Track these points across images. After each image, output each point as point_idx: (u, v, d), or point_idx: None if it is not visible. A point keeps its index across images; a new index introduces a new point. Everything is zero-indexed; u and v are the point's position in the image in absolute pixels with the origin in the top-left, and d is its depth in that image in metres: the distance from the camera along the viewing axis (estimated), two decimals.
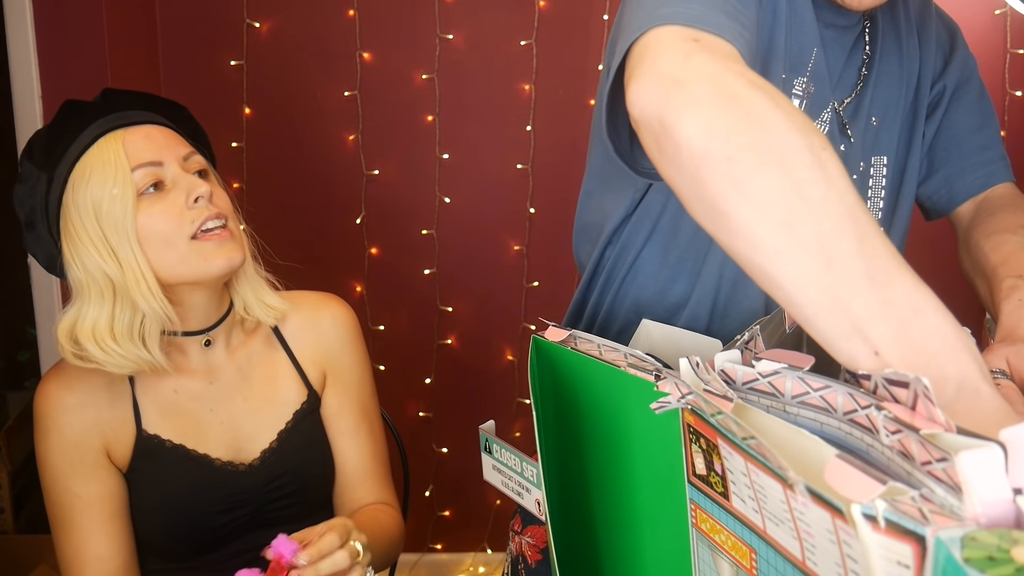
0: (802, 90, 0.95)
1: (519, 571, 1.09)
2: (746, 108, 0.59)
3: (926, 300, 0.53)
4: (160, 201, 1.02)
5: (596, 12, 2.26)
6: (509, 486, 0.88)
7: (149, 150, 1.03)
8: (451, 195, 2.36)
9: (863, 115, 1.03)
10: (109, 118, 1.04)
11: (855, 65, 1.02)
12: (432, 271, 2.40)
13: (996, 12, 2.21)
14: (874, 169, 1.04)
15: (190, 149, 1.08)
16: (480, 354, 2.43)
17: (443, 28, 2.28)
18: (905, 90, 1.05)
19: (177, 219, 1.01)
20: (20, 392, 2.72)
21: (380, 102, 2.32)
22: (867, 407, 0.50)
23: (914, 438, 0.45)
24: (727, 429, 0.54)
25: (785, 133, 0.57)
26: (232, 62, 2.29)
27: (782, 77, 0.96)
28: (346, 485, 1.19)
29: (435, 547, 2.51)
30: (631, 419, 0.70)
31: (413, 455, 1.50)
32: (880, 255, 0.54)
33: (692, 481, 0.62)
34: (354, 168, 2.35)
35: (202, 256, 1.03)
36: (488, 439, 0.90)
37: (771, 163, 0.56)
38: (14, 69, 2.04)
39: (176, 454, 1.08)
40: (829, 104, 0.98)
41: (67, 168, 1.02)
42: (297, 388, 1.16)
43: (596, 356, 0.73)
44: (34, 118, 2.04)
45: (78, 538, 1.05)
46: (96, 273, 1.01)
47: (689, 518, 0.64)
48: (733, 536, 0.59)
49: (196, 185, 1.03)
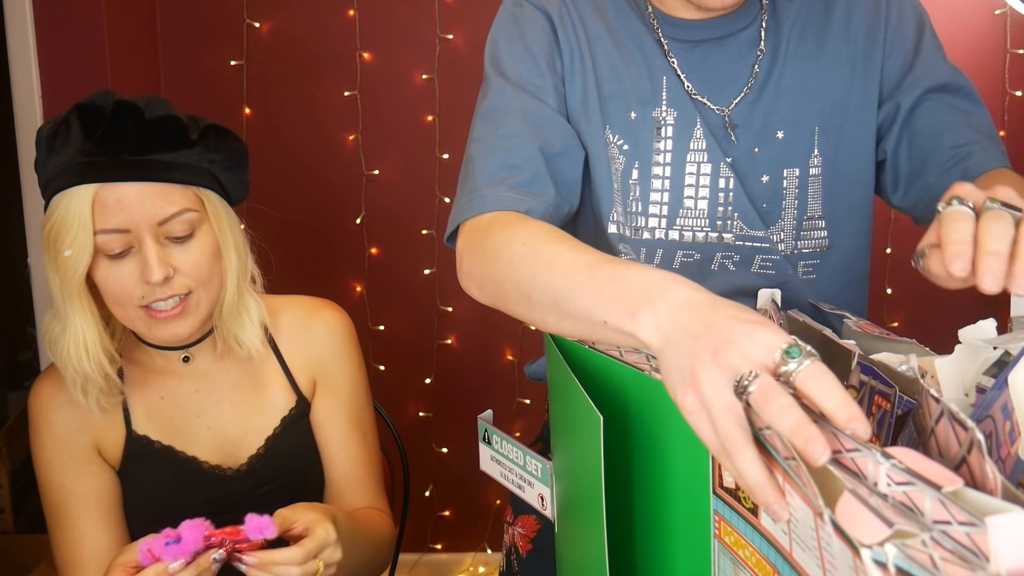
0: (662, 119, 1.02)
1: (511, 563, 1.09)
2: (483, 257, 0.88)
3: (621, 272, 0.67)
4: (119, 267, 0.99)
5: None
6: (509, 478, 0.88)
7: (117, 215, 0.97)
8: (451, 195, 2.36)
9: (762, 123, 1.02)
10: (93, 162, 0.97)
11: (747, 65, 1.02)
12: (432, 271, 2.39)
13: (996, 12, 2.20)
14: (787, 181, 1.03)
15: (176, 209, 0.99)
16: (480, 354, 2.42)
17: (443, 28, 2.27)
18: (830, 102, 1.02)
19: (129, 289, 0.99)
20: (20, 392, 2.72)
21: (380, 102, 2.32)
22: (853, 451, 0.48)
23: (931, 494, 0.43)
24: (771, 445, 0.52)
25: (501, 252, 0.83)
26: (232, 62, 2.29)
27: (631, 116, 1.02)
28: (335, 492, 1.19)
29: (435, 547, 2.51)
30: (654, 425, 0.69)
31: (413, 455, 1.50)
32: (577, 276, 0.70)
33: (718, 493, 0.62)
34: (354, 168, 2.35)
35: (146, 325, 1.02)
36: (487, 429, 0.89)
37: (497, 273, 0.83)
38: (14, 69, 2.04)
39: (165, 455, 1.08)
40: (696, 121, 1.01)
41: (50, 193, 1.00)
42: (286, 394, 1.15)
43: (616, 357, 0.72)
44: (34, 118, 2.04)
45: (74, 535, 1.05)
46: (55, 298, 1.01)
47: (712, 529, 0.64)
48: (758, 553, 0.58)
49: (151, 268, 0.97)
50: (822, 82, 1.02)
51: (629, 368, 0.70)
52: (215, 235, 1.04)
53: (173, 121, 1.00)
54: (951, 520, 0.42)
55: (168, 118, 1.00)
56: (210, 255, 1.03)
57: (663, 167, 1.02)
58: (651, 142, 1.02)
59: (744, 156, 1.02)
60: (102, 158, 0.97)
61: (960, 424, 0.49)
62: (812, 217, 1.04)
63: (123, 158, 0.97)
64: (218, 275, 1.05)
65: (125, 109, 0.98)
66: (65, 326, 1.01)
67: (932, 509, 0.43)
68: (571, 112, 1.02)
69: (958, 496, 0.43)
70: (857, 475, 0.48)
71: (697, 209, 1.02)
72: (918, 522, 0.43)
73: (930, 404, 0.55)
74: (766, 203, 1.02)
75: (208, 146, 1.03)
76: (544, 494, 0.82)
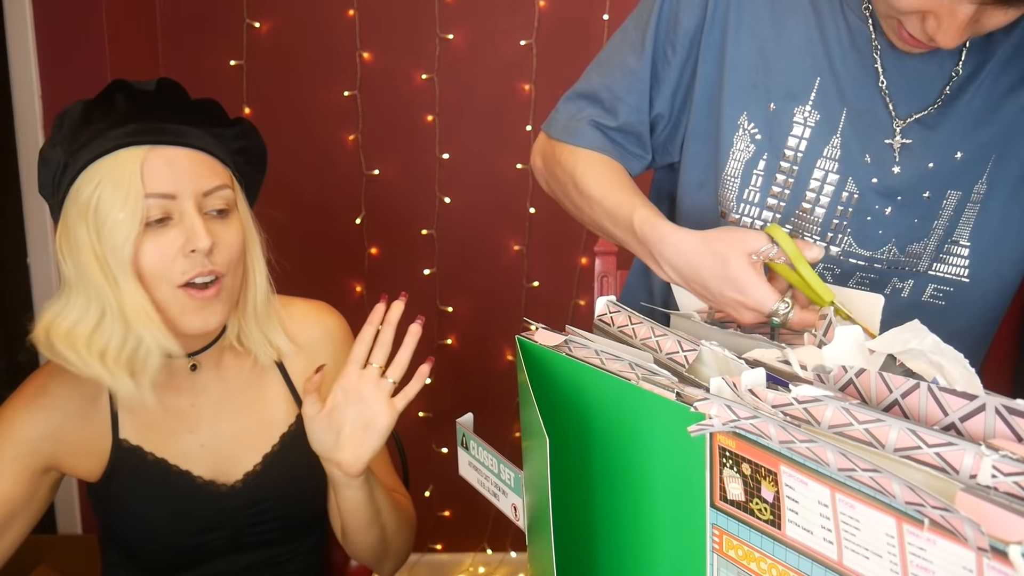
0: (803, 119, 1.00)
1: None
2: (552, 169, 1.12)
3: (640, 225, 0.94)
4: (159, 237, 0.94)
5: (596, 12, 2.26)
6: (485, 485, 0.86)
7: (166, 179, 0.95)
8: (451, 195, 2.36)
9: (942, 141, 0.98)
10: (141, 127, 0.96)
11: (940, 80, 0.97)
12: (432, 271, 2.39)
13: None
14: (947, 202, 1.00)
15: (219, 183, 0.99)
16: (480, 354, 2.42)
17: (443, 28, 2.27)
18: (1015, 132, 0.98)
19: (169, 262, 0.95)
20: None
21: (380, 102, 2.32)
22: (939, 445, 0.48)
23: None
24: (819, 458, 0.52)
25: (567, 176, 1.08)
26: (232, 62, 2.29)
27: (770, 107, 1.00)
28: None
29: (435, 547, 2.51)
30: (640, 435, 0.68)
31: (413, 455, 1.49)
32: (621, 220, 0.97)
33: (719, 506, 0.61)
34: (354, 168, 2.35)
35: (179, 309, 0.96)
36: (465, 434, 0.87)
37: (560, 187, 1.11)
38: (14, 69, 2.04)
39: (158, 468, 1.05)
40: (838, 129, 0.99)
41: (81, 164, 0.95)
42: (287, 408, 1.12)
43: (598, 366, 0.70)
44: (34, 118, 2.04)
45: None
46: (91, 284, 0.95)
47: (708, 543, 0.63)
48: (781, 564, 0.57)
49: (198, 234, 0.95)
50: (1015, 111, 0.98)
51: (612, 377, 0.68)
52: (243, 223, 1.03)
53: (213, 102, 1.04)
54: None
55: (208, 99, 1.03)
56: (242, 241, 1.02)
57: (791, 165, 1.01)
58: (785, 137, 1.01)
59: (911, 168, 0.99)
60: (151, 123, 0.97)
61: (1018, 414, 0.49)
62: (956, 242, 1.02)
63: (171, 124, 0.98)
64: (242, 266, 1.03)
65: (169, 84, 1.00)
66: (104, 306, 0.95)
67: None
68: (705, 89, 1.04)
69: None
70: (947, 471, 0.48)
71: (813, 215, 1.01)
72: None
73: None
74: (918, 219, 1.00)
75: (244, 131, 1.06)
76: (517, 504, 0.80)
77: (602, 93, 1.09)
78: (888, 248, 1.02)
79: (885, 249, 1.02)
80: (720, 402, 0.58)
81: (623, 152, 1.09)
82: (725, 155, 1.03)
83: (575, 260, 2.39)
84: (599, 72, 1.11)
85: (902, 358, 0.65)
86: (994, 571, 0.44)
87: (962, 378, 0.62)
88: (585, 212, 1.04)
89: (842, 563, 0.53)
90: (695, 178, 1.08)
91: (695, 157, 1.07)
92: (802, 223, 1.02)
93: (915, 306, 1.04)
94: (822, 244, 0.86)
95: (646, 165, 1.13)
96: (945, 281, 1.03)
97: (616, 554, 0.73)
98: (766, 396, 0.58)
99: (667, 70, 1.06)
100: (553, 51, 2.28)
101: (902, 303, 1.04)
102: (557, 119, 1.13)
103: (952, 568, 0.46)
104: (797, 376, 0.63)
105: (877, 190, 0.99)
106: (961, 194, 1.00)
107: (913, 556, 0.48)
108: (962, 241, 1.02)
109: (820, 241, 1.02)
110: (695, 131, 1.07)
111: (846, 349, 0.64)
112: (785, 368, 0.64)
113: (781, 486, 0.55)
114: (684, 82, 1.06)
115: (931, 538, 0.46)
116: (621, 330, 0.80)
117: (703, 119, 1.05)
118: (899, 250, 1.02)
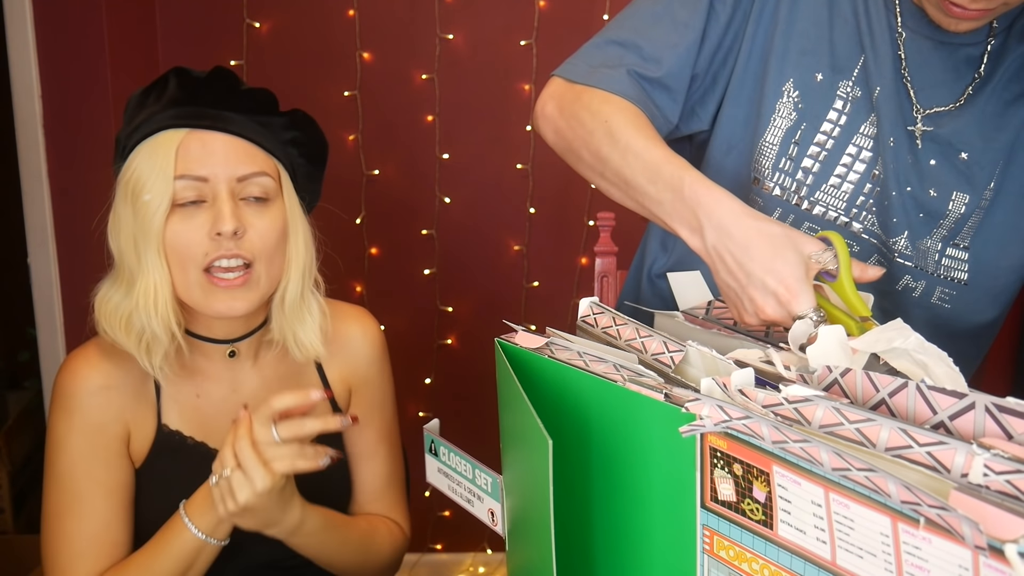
0: (846, 93, 1.00)
1: None
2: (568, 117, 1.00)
3: (692, 184, 0.85)
4: (188, 218, 0.97)
5: (596, 12, 2.26)
6: (457, 492, 0.84)
7: (200, 162, 0.97)
8: (451, 195, 2.36)
9: (950, 140, 1.00)
10: (184, 110, 0.99)
11: (960, 80, 0.99)
12: (432, 271, 2.39)
13: None
14: (953, 204, 1.01)
15: (256, 169, 1.00)
16: (480, 354, 2.42)
17: (443, 28, 2.27)
18: None
19: (196, 245, 0.96)
20: (20, 392, 2.71)
21: (380, 102, 2.32)
22: (930, 444, 0.48)
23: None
24: (813, 458, 0.52)
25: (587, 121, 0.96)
26: (232, 62, 2.29)
27: (817, 78, 1.00)
28: (357, 503, 1.18)
29: (435, 547, 2.51)
30: (627, 436, 0.67)
31: (413, 455, 1.49)
32: (665, 176, 0.87)
33: (709, 506, 0.61)
34: (354, 168, 2.35)
35: (204, 293, 0.98)
36: (434, 440, 0.87)
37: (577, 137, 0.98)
38: (14, 69, 2.03)
39: (197, 452, 1.06)
40: (871, 113, 0.99)
41: (132, 145, 0.99)
42: (323, 408, 1.12)
43: (582, 367, 0.70)
44: (34, 118, 2.04)
45: (96, 526, 1.01)
46: (126, 262, 0.99)
47: (699, 543, 0.63)
48: (774, 564, 0.58)
49: (224, 217, 0.96)
50: (1021, 121, 1.00)
51: (598, 379, 0.68)
52: (286, 214, 1.04)
53: (266, 92, 1.05)
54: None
55: (262, 89, 1.05)
56: (279, 230, 1.02)
57: (828, 138, 1.01)
58: (826, 110, 1.00)
59: (922, 162, 1.00)
60: (192, 107, 0.99)
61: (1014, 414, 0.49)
62: (958, 245, 1.03)
63: (213, 110, 1.00)
64: (281, 256, 1.03)
65: (223, 72, 1.02)
66: (133, 283, 0.98)
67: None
68: (752, 51, 1.02)
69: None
70: (938, 470, 0.48)
71: (841, 190, 1.01)
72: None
73: None
74: (923, 214, 1.01)
75: (295, 120, 1.07)
76: (495, 509, 0.79)
77: (642, 42, 1.01)
78: (903, 237, 1.02)
79: (900, 238, 1.02)
80: (711, 403, 0.58)
81: (653, 110, 1.01)
82: (766, 121, 1.02)
83: (575, 260, 2.39)
84: (634, 21, 1.04)
85: (886, 357, 0.64)
86: (991, 569, 0.44)
87: (947, 377, 0.61)
88: (611, 164, 0.93)
89: (835, 563, 0.53)
90: (725, 143, 1.06)
91: (730, 120, 1.05)
92: (828, 198, 1.02)
93: (925, 307, 1.05)
94: (880, 267, 0.82)
95: (667, 132, 1.06)
96: (949, 284, 1.04)
97: (607, 557, 0.73)
98: (756, 396, 0.58)
99: (714, 27, 1.02)
100: (553, 51, 2.28)
101: (912, 302, 1.05)
102: (577, 64, 1.03)
103: (948, 567, 0.46)
104: (781, 376, 0.63)
105: (896, 176, 1.00)
106: (969, 198, 1.00)
107: (908, 555, 0.48)
108: (963, 244, 1.03)
109: (844, 217, 1.02)
110: (734, 94, 1.04)
111: (830, 348, 0.64)
112: (768, 368, 0.64)
113: (773, 486, 0.55)
114: (726, 43, 1.03)
115: (927, 537, 0.47)
116: (605, 331, 0.80)
117: (746, 82, 1.03)
118: (910, 243, 1.03)
